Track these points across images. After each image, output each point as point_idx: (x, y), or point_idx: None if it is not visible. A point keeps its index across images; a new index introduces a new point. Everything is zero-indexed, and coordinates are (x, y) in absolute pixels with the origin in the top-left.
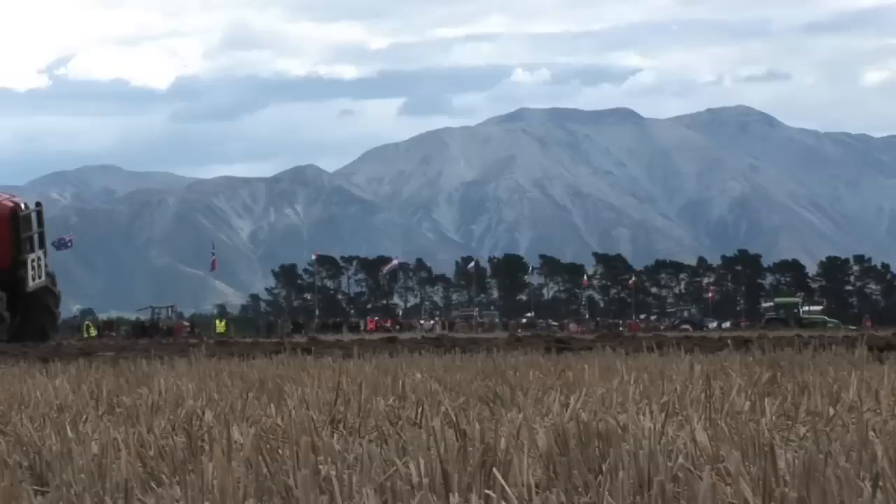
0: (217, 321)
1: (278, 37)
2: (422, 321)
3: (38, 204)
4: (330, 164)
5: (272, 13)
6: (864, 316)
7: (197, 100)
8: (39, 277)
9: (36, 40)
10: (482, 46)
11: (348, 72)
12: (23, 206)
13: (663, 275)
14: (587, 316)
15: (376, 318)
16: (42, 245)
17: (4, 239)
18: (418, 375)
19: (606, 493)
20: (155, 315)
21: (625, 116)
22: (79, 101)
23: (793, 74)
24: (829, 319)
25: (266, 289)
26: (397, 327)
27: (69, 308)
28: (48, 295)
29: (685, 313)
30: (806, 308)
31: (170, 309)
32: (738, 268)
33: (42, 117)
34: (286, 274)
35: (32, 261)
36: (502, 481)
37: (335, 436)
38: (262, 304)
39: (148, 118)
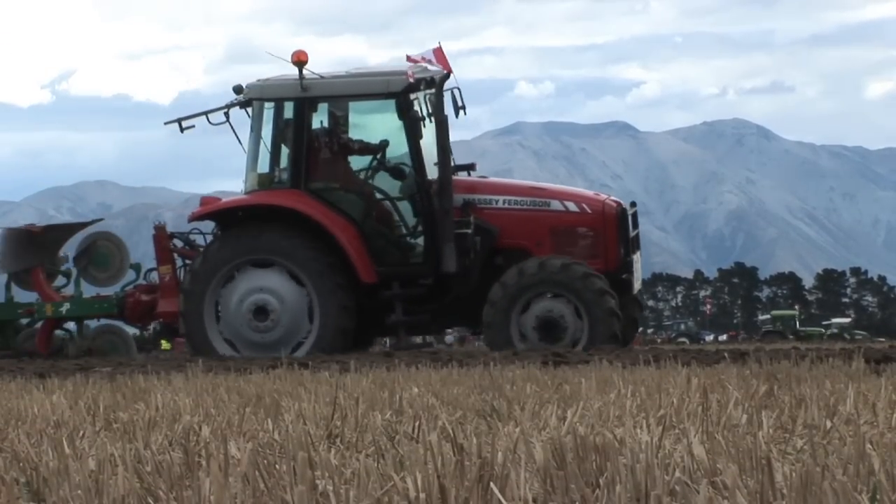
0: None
1: (281, 51)
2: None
3: (633, 204)
4: None
5: (275, 27)
6: None
7: None
8: (639, 281)
9: (38, 56)
10: (485, 59)
11: None
12: (624, 205)
13: (660, 288)
14: None
15: None
16: (638, 247)
17: (613, 240)
18: (415, 389)
19: None
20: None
21: (621, 129)
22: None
23: (796, 87)
24: (859, 332)
25: None
26: None
27: None
28: (635, 304)
29: (682, 326)
30: (836, 321)
31: None
32: (735, 280)
33: (44, 133)
34: None
35: (635, 263)
36: (499, 495)
37: (332, 451)
38: None
39: (149, 133)
